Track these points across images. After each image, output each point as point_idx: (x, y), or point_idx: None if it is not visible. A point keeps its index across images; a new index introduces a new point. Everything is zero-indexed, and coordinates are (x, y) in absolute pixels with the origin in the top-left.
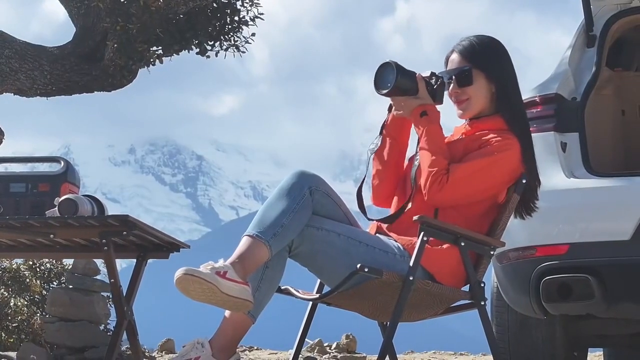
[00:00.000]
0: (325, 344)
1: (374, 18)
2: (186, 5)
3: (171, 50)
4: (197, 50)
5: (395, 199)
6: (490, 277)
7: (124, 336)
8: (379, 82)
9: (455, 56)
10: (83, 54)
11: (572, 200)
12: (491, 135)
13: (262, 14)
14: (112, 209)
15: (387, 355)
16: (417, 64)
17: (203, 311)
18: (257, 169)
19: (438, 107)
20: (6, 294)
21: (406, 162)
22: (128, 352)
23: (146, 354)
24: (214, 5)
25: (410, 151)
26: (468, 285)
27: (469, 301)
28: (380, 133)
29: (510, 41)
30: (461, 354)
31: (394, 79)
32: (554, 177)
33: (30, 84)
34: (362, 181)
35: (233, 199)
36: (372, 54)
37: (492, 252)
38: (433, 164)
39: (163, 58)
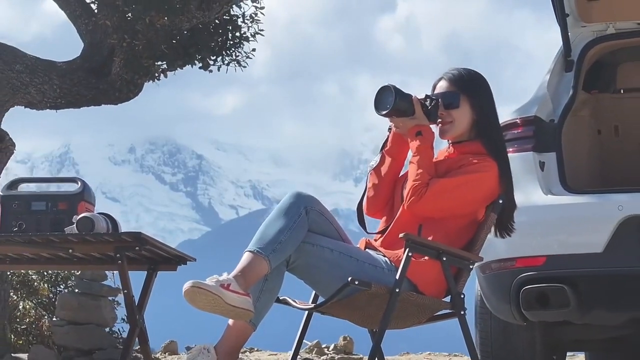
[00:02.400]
0: (323, 346)
1: (375, 16)
2: (190, 22)
3: (175, 65)
4: (200, 64)
5: (386, 216)
6: (474, 287)
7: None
8: (379, 104)
9: (443, 83)
10: (91, 69)
11: (549, 216)
12: (471, 158)
13: (262, 30)
14: (112, 208)
15: (376, 359)
16: (417, 63)
17: (204, 315)
18: (257, 168)
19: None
20: (15, 298)
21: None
22: (134, 354)
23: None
24: (216, 21)
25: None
26: (449, 296)
27: (450, 311)
28: (380, 151)
29: (509, 39)
30: (455, 355)
31: (392, 101)
32: (532, 194)
33: (40, 97)
34: (362, 196)
35: (233, 198)
36: (372, 53)
37: (471, 267)
38: (417, 178)
39: (167, 72)
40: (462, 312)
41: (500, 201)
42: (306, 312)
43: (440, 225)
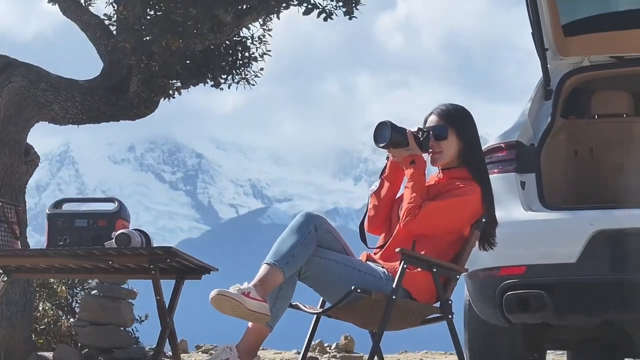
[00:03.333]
0: (326, 344)
1: (375, 15)
2: (202, 44)
3: (189, 84)
4: (212, 83)
5: (384, 233)
6: (463, 292)
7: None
8: (378, 138)
9: (433, 117)
10: (110, 87)
11: (529, 230)
12: (458, 183)
13: (270, 50)
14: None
15: (376, 357)
16: (417, 61)
17: (210, 316)
18: (256, 167)
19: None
20: (35, 299)
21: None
22: (151, 353)
23: (165, 352)
24: (227, 43)
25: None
26: (439, 302)
27: (440, 315)
28: (380, 177)
29: (508, 37)
30: (451, 354)
31: (389, 136)
32: (514, 210)
33: (63, 114)
34: (364, 216)
35: (233, 197)
36: (372, 52)
37: (457, 277)
38: (411, 200)
39: (181, 90)
40: (450, 316)
41: (483, 220)
42: (315, 316)
43: (431, 241)
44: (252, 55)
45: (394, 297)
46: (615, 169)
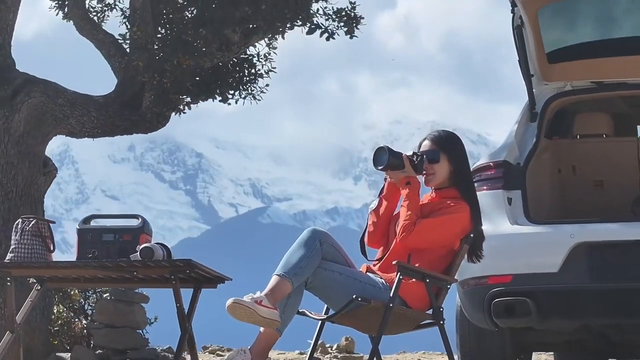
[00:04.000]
0: (327, 345)
1: (375, 14)
2: (211, 62)
3: (198, 99)
4: (220, 98)
5: (382, 247)
6: (455, 299)
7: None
8: (377, 161)
9: (427, 142)
10: (124, 102)
11: (515, 242)
12: (449, 201)
13: (275, 67)
14: (111, 206)
15: (375, 358)
16: (417, 61)
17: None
18: (256, 167)
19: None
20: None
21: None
22: (163, 353)
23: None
24: (234, 60)
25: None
26: (432, 309)
27: (432, 321)
28: (378, 196)
29: (508, 36)
30: (454, 354)
31: (386, 159)
32: (501, 224)
33: (79, 128)
34: (364, 232)
35: (232, 197)
36: (372, 51)
37: (448, 286)
38: (407, 218)
39: (191, 105)
40: (441, 322)
41: (472, 235)
42: (320, 321)
43: (425, 254)
44: (258, 72)
45: (391, 305)
46: (596, 186)
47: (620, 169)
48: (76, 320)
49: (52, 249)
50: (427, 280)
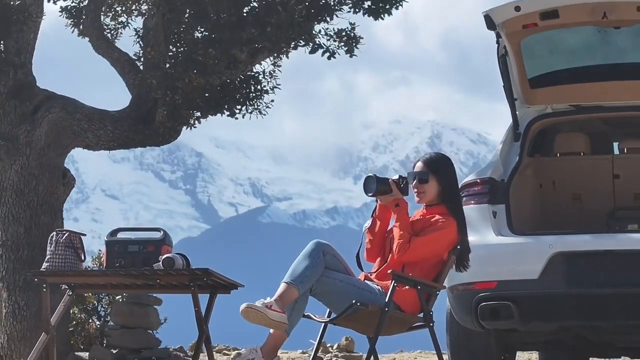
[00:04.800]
0: (328, 345)
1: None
2: (220, 79)
3: (207, 114)
4: (228, 113)
5: (379, 258)
6: (445, 303)
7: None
8: (366, 189)
9: (419, 163)
10: (138, 117)
11: (500, 251)
12: (438, 217)
13: (279, 84)
14: (111, 206)
15: (372, 357)
16: (416, 59)
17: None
18: (256, 166)
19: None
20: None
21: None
22: (175, 352)
23: (187, 352)
24: (241, 77)
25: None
26: (423, 313)
27: (423, 323)
28: (372, 216)
29: None
30: (444, 353)
31: (375, 188)
32: (487, 235)
33: (96, 141)
34: (359, 249)
35: (232, 196)
36: (372, 50)
37: (437, 293)
38: (401, 237)
39: (201, 119)
40: (431, 324)
41: (459, 247)
42: (323, 323)
43: (417, 265)
44: (264, 89)
45: (386, 309)
46: (574, 199)
47: (596, 184)
48: (90, 321)
49: (83, 258)
50: (419, 287)
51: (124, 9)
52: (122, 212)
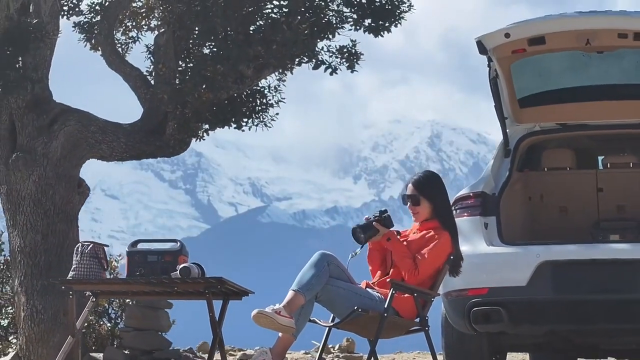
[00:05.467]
0: (330, 346)
1: None
2: (227, 93)
3: (215, 127)
4: (235, 125)
5: (379, 272)
6: (441, 308)
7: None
8: (357, 239)
9: (410, 186)
10: (149, 130)
11: (491, 260)
12: (433, 233)
13: (284, 98)
14: (111, 206)
15: (372, 359)
16: (416, 59)
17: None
18: (256, 166)
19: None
20: None
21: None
22: (185, 354)
23: (196, 353)
24: (247, 91)
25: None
26: (419, 318)
27: (419, 327)
28: (360, 247)
29: None
30: (439, 354)
31: (363, 238)
32: (479, 245)
33: (109, 152)
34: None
35: (232, 196)
36: (372, 49)
37: (432, 299)
38: (406, 266)
39: (209, 131)
40: (426, 328)
41: (452, 257)
42: (327, 328)
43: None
44: (269, 102)
45: (385, 315)
46: (561, 211)
47: (582, 197)
48: (101, 322)
49: (105, 267)
50: (415, 295)
51: (134, 24)
52: (122, 211)
